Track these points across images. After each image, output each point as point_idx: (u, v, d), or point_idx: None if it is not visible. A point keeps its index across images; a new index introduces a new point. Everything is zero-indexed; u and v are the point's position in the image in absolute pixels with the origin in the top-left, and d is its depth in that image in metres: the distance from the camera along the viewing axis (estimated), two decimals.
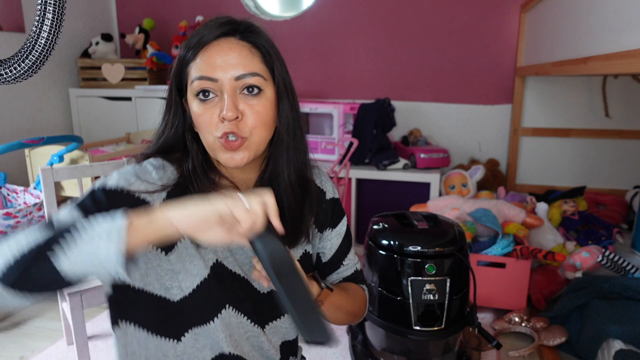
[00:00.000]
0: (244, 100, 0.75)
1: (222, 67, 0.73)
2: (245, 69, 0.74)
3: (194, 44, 0.76)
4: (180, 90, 0.80)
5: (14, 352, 1.83)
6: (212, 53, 0.74)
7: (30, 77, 1.47)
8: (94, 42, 3.06)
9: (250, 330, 0.84)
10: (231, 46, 0.75)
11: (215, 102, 0.75)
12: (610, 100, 2.76)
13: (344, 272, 0.97)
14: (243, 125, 0.75)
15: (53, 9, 1.34)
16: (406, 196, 2.63)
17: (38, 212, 2.06)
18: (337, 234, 0.95)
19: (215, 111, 0.74)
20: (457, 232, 1.46)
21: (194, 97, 0.76)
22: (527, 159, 2.97)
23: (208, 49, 0.75)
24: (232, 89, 0.74)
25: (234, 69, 0.74)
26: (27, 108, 2.78)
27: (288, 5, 3.33)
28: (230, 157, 0.76)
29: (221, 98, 0.74)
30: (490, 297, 2.01)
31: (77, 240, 0.59)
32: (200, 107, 0.75)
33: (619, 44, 1.40)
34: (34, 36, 1.38)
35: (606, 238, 2.28)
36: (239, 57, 0.74)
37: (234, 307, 0.81)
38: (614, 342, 1.55)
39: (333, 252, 0.95)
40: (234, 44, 0.75)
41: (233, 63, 0.74)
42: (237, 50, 0.75)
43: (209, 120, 0.75)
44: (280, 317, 0.88)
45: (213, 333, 0.81)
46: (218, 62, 0.74)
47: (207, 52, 0.75)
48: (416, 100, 3.04)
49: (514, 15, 2.82)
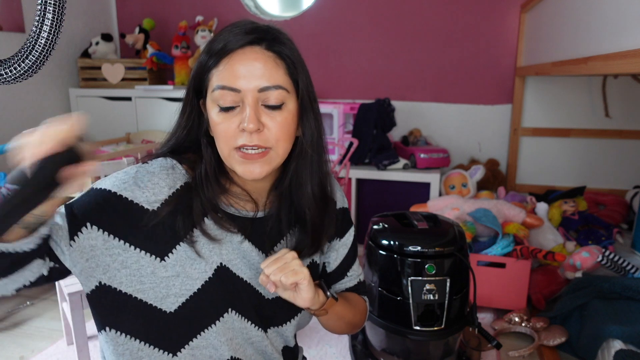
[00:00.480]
0: (265, 112, 0.73)
1: (246, 77, 0.71)
2: (270, 81, 0.72)
3: (218, 49, 0.73)
4: (198, 93, 0.78)
5: (14, 352, 1.83)
6: (236, 62, 0.72)
7: (30, 77, 1.47)
8: (94, 42, 3.07)
9: (254, 335, 0.84)
10: (256, 56, 0.72)
11: (236, 112, 0.73)
12: (610, 100, 2.76)
13: (347, 283, 0.96)
14: (265, 136, 0.73)
15: (53, 9, 1.34)
16: (406, 196, 2.63)
17: None
18: (343, 244, 0.94)
19: (235, 121, 0.72)
20: (457, 232, 1.46)
21: (214, 105, 0.74)
22: (527, 159, 2.97)
23: (232, 57, 0.72)
24: (255, 100, 0.72)
25: (258, 80, 0.71)
26: (27, 108, 2.78)
27: (288, 5, 3.33)
28: (249, 170, 0.74)
29: (242, 109, 0.72)
30: (490, 297, 2.01)
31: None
32: (220, 116, 0.73)
33: (619, 44, 1.40)
34: (34, 36, 1.38)
35: (606, 238, 2.28)
36: (263, 68, 0.72)
37: (237, 312, 0.80)
38: (614, 342, 1.55)
39: (338, 263, 0.94)
40: (259, 54, 0.72)
41: (257, 74, 0.71)
42: (263, 61, 0.72)
43: (227, 130, 0.73)
44: (284, 324, 0.87)
45: (213, 339, 0.80)
46: (242, 72, 0.71)
47: (231, 60, 0.72)
48: (416, 100, 3.04)
49: (514, 15, 2.82)
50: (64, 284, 1.55)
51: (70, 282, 1.55)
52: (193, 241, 0.77)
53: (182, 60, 3.02)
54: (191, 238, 0.77)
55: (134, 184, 0.75)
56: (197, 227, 0.77)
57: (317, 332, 1.90)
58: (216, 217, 0.78)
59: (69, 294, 1.50)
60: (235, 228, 0.80)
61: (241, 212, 0.82)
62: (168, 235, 0.75)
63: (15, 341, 1.90)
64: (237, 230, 0.80)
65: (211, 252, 0.78)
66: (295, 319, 0.88)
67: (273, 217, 0.84)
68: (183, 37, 3.05)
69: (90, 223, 0.72)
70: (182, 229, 0.76)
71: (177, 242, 0.76)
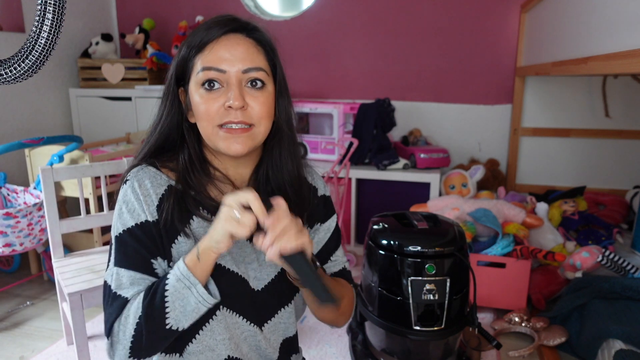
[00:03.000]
0: (249, 93, 0.78)
1: (230, 60, 0.77)
2: (252, 64, 0.78)
3: (201, 38, 0.78)
4: (179, 81, 0.83)
5: (14, 352, 1.83)
6: (220, 47, 0.78)
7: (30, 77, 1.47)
8: (94, 42, 3.06)
9: (247, 330, 0.84)
10: (238, 41, 0.79)
11: (220, 93, 0.77)
12: (610, 100, 2.76)
13: (331, 268, 0.98)
14: (249, 114, 0.78)
15: (53, 9, 1.34)
16: (406, 196, 2.63)
17: (38, 212, 2.06)
18: (325, 228, 0.96)
19: (219, 100, 0.77)
20: (457, 232, 1.46)
21: (198, 87, 0.78)
22: (527, 159, 2.97)
23: (217, 43, 0.78)
24: (239, 81, 0.77)
25: (241, 63, 0.77)
26: (27, 108, 2.78)
27: (288, 5, 3.33)
28: (233, 145, 0.78)
29: (227, 89, 0.77)
30: (490, 297, 2.01)
31: (173, 307, 0.73)
32: (204, 97, 0.78)
33: (619, 44, 1.40)
34: (34, 36, 1.38)
35: (606, 238, 2.28)
36: (246, 52, 0.78)
37: (228, 308, 0.81)
38: (614, 342, 1.55)
39: (320, 247, 0.95)
40: (241, 40, 0.79)
41: (240, 57, 0.77)
42: (244, 46, 0.79)
43: (211, 109, 0.77)
44: (277, 312, 0.88)
45: (209, 339, 0.81)
46: (226, 56, 0.77)
47: (215, 45, 0.78)
48: (416, 100, 3.04)
49: (514, 15, 2.82)
50: (64, 284, 1.54)
51: (71, 283, 1.55)
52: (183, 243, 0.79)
53: None
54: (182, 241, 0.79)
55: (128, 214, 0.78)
56: (187, 228, 0.79)
57: (317, 332, 1.90)
58: (202, 215, 0.81)
59: (69, 294, 1.50)
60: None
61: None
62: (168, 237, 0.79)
63: (15, 341, 1.90)
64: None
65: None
66: (290, 305, 0.89)
67: None
68: (183, 37, 3.05)
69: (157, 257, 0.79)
70: (172, 232, 0.79)
71: (171, 244, 0.79)
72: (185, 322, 0.74)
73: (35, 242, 2.11)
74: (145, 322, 0.72)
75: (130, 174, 0.81)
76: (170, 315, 0.72)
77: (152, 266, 0.78)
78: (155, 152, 0.84)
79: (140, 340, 0.73)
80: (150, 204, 0.78)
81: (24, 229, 2.03)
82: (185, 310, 0.73)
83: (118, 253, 0.78)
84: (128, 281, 0.76)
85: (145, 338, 0.73)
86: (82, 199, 1.77)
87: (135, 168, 0.82)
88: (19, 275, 2.47)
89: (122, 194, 0.80)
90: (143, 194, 0.78)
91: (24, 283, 2.38)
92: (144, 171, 0.81)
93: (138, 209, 0.78)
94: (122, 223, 0.78)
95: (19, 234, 2.02)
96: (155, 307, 0.72)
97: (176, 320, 0.73)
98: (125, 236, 0.77)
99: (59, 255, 1.70)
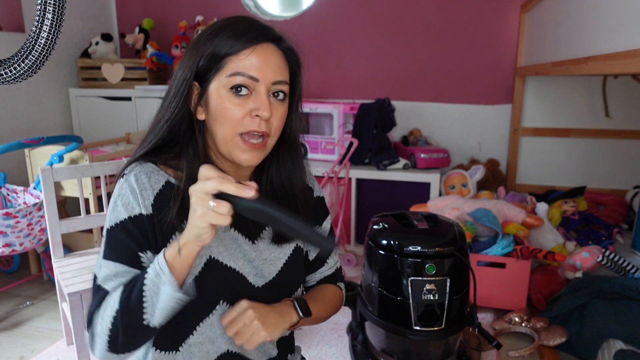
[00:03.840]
0: (273, 104, 0.79)
1: (264, 69, 0.77)
2: (281, 76, 0.80)
3: (235, 40, 0.77)
4: (197, 76, 0.79)
5: (14, 352, 1.83)
6: (256, 55, 0.77)
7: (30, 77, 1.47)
8: (94, 42, 3.06)
9: None
10: (272, 52, 0.79)
11: (247, 99, 0.77)
12: (610, 100, 2.76)
13: (325, 272, 1.00)
14: (270, 124, 0.79)
15: (53, 9, 1.34)
16: (406, 196, 2.63)
17: (38, 212, 2.06)
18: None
19: (245, 107, 0.77)
20: (457, 232, 1.46)
21: (225, 89, 0.77)
22: (527, 159, 2.97)
23: (253, 50, 0.77)
24: (268, 91, 0.78)
25: (273, 74, 0.78)
26: (27, 108, 2.78)
27: (288, 5, 3.33)
28: (248, 158, 0.79)
29: (256, 97, 0.77)
30: (490, 297, 2.01)
31: (151, 303, 0.71)
32: (232, 100, 0.76)
33: (619, 44, 1.40)
34: (34, 36, 1.38)
35: (606, 238, 2.27)
36: (277, 64, 0.79)
37: (228, 303, 0.82)
38: (614, 342, 1.55)
39: (318, 251, 0.97)
40: (274, 50, 0.80)
41: (273, 68, 0.78)
42: (277, 57, 0.80)
43: (236, 115, 0.76)
44: None
45: (209, 332, 0.81)
46: (261, 65, 0.77)
47: (251, 52, 0.77)
48: (416, 100, 3.04)
49: (514, 15, 2.82)
50: (63, 284, 1.54)
51: (70, 283, 1.55)
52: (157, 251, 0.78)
53: None
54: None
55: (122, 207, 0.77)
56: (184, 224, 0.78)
57: (317, 332, 1.90)
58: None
59: (69, 294, 1.50)
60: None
61: None
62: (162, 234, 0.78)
63: (15, 341, 1.90)
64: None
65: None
66: None
67: None
68: (183, 37, 3.05)
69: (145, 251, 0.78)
70: (170, 228, 0.78)
71: (168, 240, 0.78)
72: (160, 318, 0.72)
73: (35, 242, 2.11)
74: (121, 317, 0.71)
75: (127, 169, 0.80)
76: (147, 311, 0.71)
77: (140, 259, 0.77)
78: (156, 149, 0.83)
79: (117, 335, 0.72)
80: (146, 198, 0.77)
81: (23, 229, 2.02)
82: (159, 306, 0.71)
83: (107, 246, 0.77)
84: (112, 273, 0.76)
85: (121, 333, 0.71)
86: (82, 199, 1.77)
87: (132, 164, 0.81)
88: (19, 275, 2.47)
89: (117, 188, 0.79)
90: (139, 188, 0.77)
91: (23, 283, 2.38)
92: (141, 166, 0.80)
93: (132, 202, 0.77)
94: (115, 216, 0.77)
95: (18, 234, 2.02)
96: (132, 302, 0.71)
97: (152, 316, 0.71)
98: (117, 229, 0.77)
99: (59, 255, 1.70)
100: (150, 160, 0.82)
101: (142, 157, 0.82)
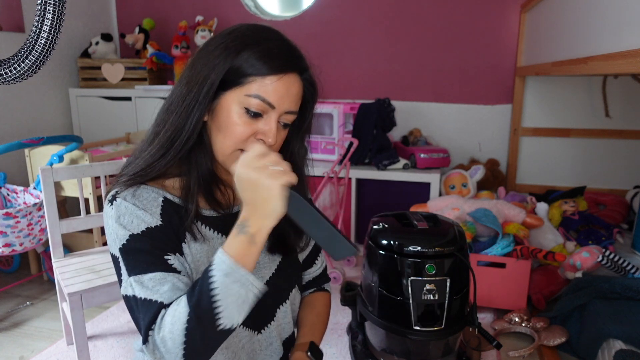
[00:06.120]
0: (277, 129, 0.78)
1: (283, 99, 0.76)
2: (295, 107, 0.79)
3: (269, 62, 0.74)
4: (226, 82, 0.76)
5: (14, 352, 1.83)
6: (282, 84, 0.75)
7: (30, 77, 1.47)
8: (94, 42, 3.06)
9: (244, 337, 0.85)
10: (295, 83, 0.78)
11: (257, 121, 0.76)
12: (610, 100, 2.76)
13: (314, 272, 1.03)
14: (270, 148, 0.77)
15: (53, 9, 1.34)
16: (406, 196, 2.63)
17: (38, 212, 2.06)
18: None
19: (252, 127, 0.76)
20: (457, 232, 1.46)
21: (240, 106, 0.75)
22: (527, 159, 2.97)
23: (280, 79, 0.75)
24: (278, 117, 0.77)
25: (289, 105, 0.77)
26: (27, 108, 2.78)
27: (288, 5, 3.33)
28: None
29: (266, 121, 0.76)
30: (490, 297, 2.01)
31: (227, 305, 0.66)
32: (243, 118, 0.75)
33: (619, 44, 1.40)
34: (34, 36, 1.38)
35: (606, 238, 2.27)
36: (296, 95, 0.78)
37: None
38: (614, 342, 1.55)
39: (308, 252, 1.00)
40: (297, 81, 0.78)
41: (291, 100, 0.77)
42: (298, 88, 0.79)
43: (243, 133, 0.76)
44: (274, 313, 0.89)
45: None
46: (283, 95, 0.76)
47: (280, 80, 0.75)
48: (416, 100, 3.04)
49: (514, 15, 2.81)
50: (63, 284, 1.54)
51: (70, 283, 1.55)
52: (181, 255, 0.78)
53: (182, 60, 3.02)
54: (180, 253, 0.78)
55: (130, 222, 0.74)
56: (184, 244, 0.78)
57: None
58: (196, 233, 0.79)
59: (69, 294, 1.50)
60: (216, 232, 0.82)
61: (219, 212, 0.83)
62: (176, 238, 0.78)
63: (15, 341, 1.90)
64: (217, 231, 0.82)
65: (197, 263, 0.79)
66: (286, 303, 0.91)
67: None
68: (183, 37, 3.05)
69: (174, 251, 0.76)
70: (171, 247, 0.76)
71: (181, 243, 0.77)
72: (240, 317, 0.68)
73: (35, 242, 2.11)
74: (195, 326, 0.66)
75: (118, 195, 0.76)
76: (224, 315, 0.66)
77: (168, 262, 0.73)
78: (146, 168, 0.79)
79: (194, 347, 0.66)
80: (152, 211, 0.75)
81: (23, 229, 2.02)
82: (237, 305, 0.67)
83: (128, 263, 0.73)
84: (151, 283, 0.71)
85: (198, 344, 0.67)
86: (82, 199, 1.77)
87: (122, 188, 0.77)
88: (19, 275, 2.47)
89: (113, 212, 0.75)
90: (141, 203, 0.75)
91: (24, 283, 2.38)
92: (129, 189, 0.77)
93: (140, 216, 0.74)
94: (123, 234, 0.73)
95: (18, 234, 2.02)
96: (204, 310, 0.66)
97: (230, 319, 0.67)
98: (132, 243, 0.73)
99: (59, 255, 1.70)
100: (138, 182, 0.78)
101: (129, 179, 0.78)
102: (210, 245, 0.81)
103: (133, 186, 0.77)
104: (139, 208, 0.75)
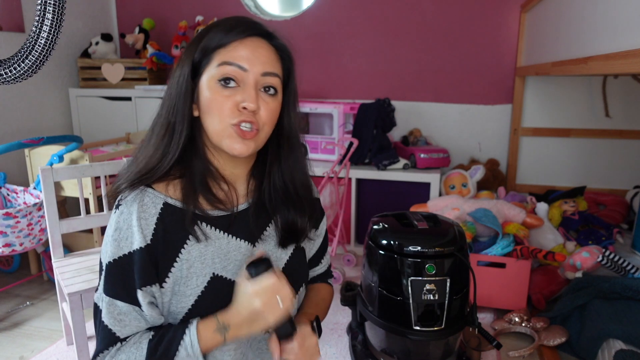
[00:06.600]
0: (261, 97, 0.78)
1: (252, 60, 0.77)
2: (272, 68, 0.79)
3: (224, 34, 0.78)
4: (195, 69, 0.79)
5: (14, 352, 1.83)
6: (244, 46, 0.77)
7: (30, 77, 1.48)
8: (94, 42, 3.06)
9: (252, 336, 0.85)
10: (262, 45, 0.79)
11: (234, 91, 0.77)
12: (610, 100, 2.76)
13: (319, 270, 1.04)
14: (258, 118, 0.78)
15: (53, 9, 1.34)
16: (406, 196, 2.63)
17: (38, 212, 2.06)
18: (319, 234, 0.99)
19: (233, 99, 0.76)
20: (457, 232, 1.46)
21: (213, 81, 0.77)
22: (527, 159, 2.97)
23: (241, 42, 0.77)
24: (256, 83, 0.77)
25: (262, 65, 0.78)
26: (27, 108, 2.78)
27: (288, 5, 3.33)
28: (239, 146, 0.77)
29: (243, 89, 0.77)
30: (490, 297, 2.01)
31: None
32: (219, 92, 0.76)
33: (619, 44, 1.40)
34: (34, 36, 1.38)
35: (606, 238, 2.27)
36: (267, 57, 0.79)
37: None
38: (614, 342, 1.55)
39: (314, 251, 0.99)
40: (264, 44, 0.80)
41: (262, 60, 0.78)
42: (267, 51, 0.80)
43: (224, 107, 0.76)
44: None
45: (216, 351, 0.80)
46: (249, 55, 0.77)
47: (239, 44, 0.77)
48: (416, 100, 3.04)
49: (514, 15, 2.82)
50: (64, 284, 1.54)
51: (70, 283, 1.55)
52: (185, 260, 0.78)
53: None
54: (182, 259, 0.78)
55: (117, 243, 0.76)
56: (184, 249, 0.78)
57: None
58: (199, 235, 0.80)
59: (69, 294, 1.50)
60: (222, 231, 0.81)
61: (224, 210, 0.83)
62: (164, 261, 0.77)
63: (15, 341, 1.90)
64: (223, 230, 0.82)
65: (203, 265, 0.79)
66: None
67: (257, 205, 0.87)
68: (183, 37, 3.05)
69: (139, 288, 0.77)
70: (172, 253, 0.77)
71: (172, 265, 0.77)
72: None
73: (35, 242, 2.11)
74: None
75: (121, 202, 0.78)
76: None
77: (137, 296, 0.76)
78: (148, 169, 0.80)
79: None
80: (145, 228, 0.76)
81: (23, 229, 2.03)
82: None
83: (106, 282, 0.76)
84: (116, 311, 0.76)
85: None
86: (82, 199, 1.77)
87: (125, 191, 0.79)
88: (19, 275, 2.47)
89: (114, 220, 0.77)
90: (138, 218, 0.76)
91: (23, 283, 2.38)
92: (135, 194, 0.78)
93: (130, 237, 0.75)
94: (112, 252, 0.76)
95: (18, 234, 2.02)
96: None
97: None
98: (113, 266, 0.76)
99: (59, 255, 1.70)
100: (143, 183, 0.79)
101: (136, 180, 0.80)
102: (216, 246, 0.80)
103: (137, 188, 0.78)
104: (136, 222, 0.75)
